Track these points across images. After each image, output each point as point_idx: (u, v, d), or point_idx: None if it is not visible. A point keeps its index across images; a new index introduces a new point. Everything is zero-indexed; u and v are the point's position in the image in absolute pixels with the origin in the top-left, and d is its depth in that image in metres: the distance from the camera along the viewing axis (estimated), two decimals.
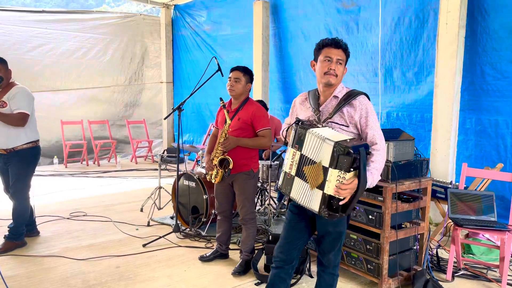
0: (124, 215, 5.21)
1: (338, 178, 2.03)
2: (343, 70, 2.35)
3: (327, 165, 2.04)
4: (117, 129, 9.53)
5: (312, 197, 2.14)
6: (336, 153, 2.01)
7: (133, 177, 7.64)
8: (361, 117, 2.30)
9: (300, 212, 2.41)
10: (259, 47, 7.20)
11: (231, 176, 3.47)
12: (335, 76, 2.32)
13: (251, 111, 3.42)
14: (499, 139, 4.55)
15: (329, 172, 2.04)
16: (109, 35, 9.26)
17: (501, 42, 4.44)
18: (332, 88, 2.37)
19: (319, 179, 2.09)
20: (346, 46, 2.35)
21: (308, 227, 2.44)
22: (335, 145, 2.00)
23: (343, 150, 1.99)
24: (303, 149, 2.16)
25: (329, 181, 2.05)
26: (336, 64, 2.31)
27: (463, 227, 3.25)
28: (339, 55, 2.32)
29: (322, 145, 2.07)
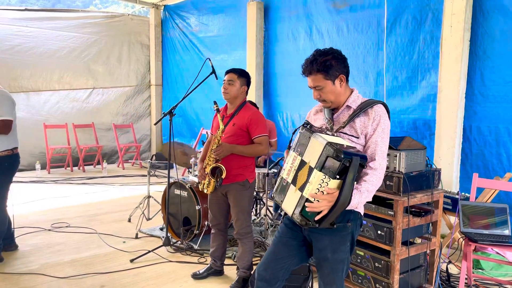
0: (110, 226, 4.89)
1: (320, 183, 1.78)
2: (331, 88, 2.05)
3: (313, 165, 1.81)
4: (104, 133, 9.16)
5: (291, 198, 1.91)
6: (325, 153, 1.76)
7: (120, 183, 7.30)
8: (371, 127, 2.03)
9: (296, 228, 2.15)
10: (252, 49, 6.95)
11: (224, 187, 3.20)
12: (323, 101, 2.09)
13: (247, 116, 3.17)
14: (500, 147, 4.35)
15: (313, 173, 1.81)
16: (94, 35, 8.91)
17: (503, 45, 4.25)
18: (340, 99, 2.11)
19: (303, 179, 1.86)
20: (318, 65, 2.01)
21: (303, 247, 2.16)
22: (326, 145, 1.77)
23: (333, 152, 1.74)
24: (305, 154, 1.91)
25: (310, 183, 1.82)
26: (316, 91, 2.07)
27: (478, 243, 3.02)
28: (312, 82, 2.06)
29: (315, 144, 1.85)
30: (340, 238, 2.04)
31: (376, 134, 2.02)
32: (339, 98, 2.11)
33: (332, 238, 2.04)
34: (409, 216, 2.87)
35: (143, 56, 9.68)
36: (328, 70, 2.03)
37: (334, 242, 2.04)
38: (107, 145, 9.21)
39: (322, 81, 2.04)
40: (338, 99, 2.11)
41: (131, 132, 9.35)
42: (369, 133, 2.03)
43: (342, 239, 2.05)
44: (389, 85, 5.21)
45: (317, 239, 2.07)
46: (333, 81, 2.06)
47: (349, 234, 2.05)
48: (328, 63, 2.02)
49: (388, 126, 2.06)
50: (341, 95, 2.11)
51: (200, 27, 8.45)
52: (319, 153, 1.80)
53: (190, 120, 8.86)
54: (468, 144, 4.59)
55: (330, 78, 2.04)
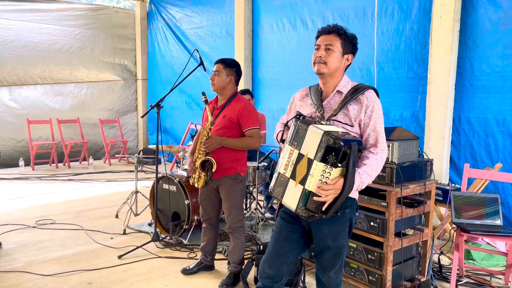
0: (97, 222, 4.78)
1: (322, 173, 1.74)
2: (338, 57, 2.03)
3: (312, 157, 1.77)
4: (89, 128, 8.98)
5: (293, 193, 1.86)
6: (324, 144, 1.72)
7: (107, 179, 7.16)
8: (366, 114, 2.01)
9: (294, 221, 2.11)
10: (240, 42, 6.86)
11: (216, 180, 3.13)
12: (323, 63, 2.03)
13: (238, 108, 3.09)
14: (489, 138, 4.35)
15: (313, 165, 1.76)
16: (78, 28, 8.71)
17: (493, 35, 4.24)
18: (332, 80, 2.08)
19: (303, 173, 1.81)
20: (341, 30, 2.05)
21: (303, 239, 2.13)
22: (324, 135, 1.72)
23: (332, 142, 1.70)
24: (302, 147, 1.85)
25: (311, 175, 1.77)
26: (323, 51, 2.03)
27: (470, 233, 3.01)
28: (327, 40, 2.03)
29: (311, 134, 1.79)
30: (340, 225, 2.03)
31: (373, 121, 2.00)
32: (336, 72, 2.07)
33: (332, 226, 2.01)
34: (402, 207, 2.84)
35: (128, 49, 9.51)
36: (347, 41, 2.05)
37: (333, 230, 2.02)
38: (93, 140, 9.04)
39: (337, 44, 2.04)
40: (335, 73, 2.07)
41: (118, 127, 9.19)
42: (364, 121, 2.00)
43: (341, 226, 2.03)
44: (375, 76, 5.17)
45: (317, 229, 2.04)
46: (343, 54, 2.06)
47: (347, 220, 2.04)
48: (349, 36, 2.06)
49: (381, 112, 2.05)
50: (339, 71, 2.08)
51: (185, 19, 8.33)
52: (317, 144, 1.75)
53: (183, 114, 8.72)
54: (457, 135, 4.59)
55: (344, 48, 2.05)
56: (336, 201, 1.80)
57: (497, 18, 4.16)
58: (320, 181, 1.76)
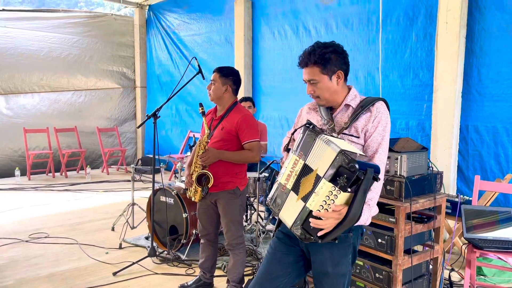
0: (93, 235, 4.62)
1: (328, 194, 1.57)
2: (327, 84, 1.86)
3: (322, 174, 1.60)
4: (87, 137, 8.84)
5: (292, 208, 1.70)
6: (337, 163, 1.55)
7: (104, 190, 7.01)
8: (372, 124, 1.85)
9: (291, 242, 1.94)
10: (240, 49, 6.74)
11: (213, 195, 2.98)
12: (317, 98, 1.90)
13: (237, 119, 2.94)
14: (498, 147, 4.20)
15: (321, 183, 1.59)
16: (76, 36, 8.60)
17: (501, 41, 4.10)
18: (336, 100, 1.93)
19: (307, 189, 1.65)
20: (314, 56, 1.83)
21: (300, 263, 1.95)
22: (340, 153, 1.56)
23: (347, 163, 1.53)
24: (308, 158, 1.69)
25: (316, 194, 1.60)
26: (310, 86, 1.88)
27: (483, 249, 2.85)
28: (307, 74, 1.88)
29: (324, 150, 1.63)
30: (342, 250, 1.85)
31: (377, 132, 1.84)
32: (335, 96, 1.92)
33: (333, 250, 1.84)
34: (412, 223, 2.69)
35: (127, 57, 9.40)
36: (326, 63, 1.84)
37: (334, 255, 1.84)
38: (91, 149, 8.90)
39: (318, 75, 1.85)
40: (333, 97, 1.92)
41: (116, 135, 9.05)
42: (369, 131, 1.85)
43: (343, 251, 1.85)
44: (381, 84, 5.03)
45: (316, 252, 1.87)
46: (330, 77, 1.87)
47: (350, 245, 1.87)
48: (327, 56, 1.84)
49: (389, 124, 1.89)
50: (337, 93, 1.92)
51: (183, 26, 8.24)
52: (330, 161, 1.59)
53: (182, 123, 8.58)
54: (465, 145, 4.44)
55: (327, 73, 1.86)
56: (335, 228, 1.62)
57: (506, 24, 4.03)
58: (324, 202, 1.60)
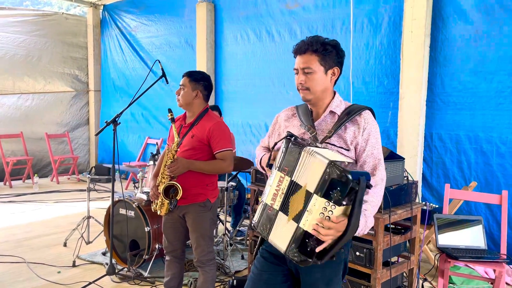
0: (42, 252, 4.22)
1: (322, 211, 1.45)
2: (321, 77, 1.75)
3: (312, 190, 1.48)
4: (34, 144, 8.23)
5: (283, 231, 1.56)
6: (328, 176, 1.43)
7: (55, 200, 6.51)
8: (362, 137, 1.75)
9: (278, 261, 1.80)
10: (203, 53, 6.53)
11: (182, 208, 2.76)
12: (306, 90, 1.76)
13: (208, 127, 2.75)
14: (461, 155, 4.29)
15: (312, 200, 1.47)
16: (23, 35, 8.00)
17: (464, 51, 4.20)
18: (322, 101, 1.81)
19: (298, 207, 1.52)
20: (316, 44, 1.72)
21: (287, 283, 1.82)
22: (329, 165, 1.44)
23: (339, 174, 1.42)
24: (295, 173, 1.55)
25: (309, 212, 1.48)
26: (303, 75, 1.75)
27: (458, 260, 2.83)
28: (303, 62, 1.75)
29: (312, 163, 1.50)
30: (334, 268, 1.74)
31: (370, 146, 1.74)
32: (324, 94, 1.80)
33: (325, 269, 1.71)
34: (390, 234, 2.61)
35: (79, 58, 8.88)
36: (326, 54, 1.73)
37: (326, 274, 1.73)
38: (39, 156, 8.30)
39: (316, 64, 1.73)
40: (322, 95, 1.80)
41: (67, 142, 8.50)
42: (361, 145, 1.74)
43: (335, 269, 1.75)
44: (344, 91, 5.01)
45: (307, 273, 1.74)
46: (326, 71, 1.76)
47: (342, 262, 1.76)
48: (327, 47, 1.73)
49: (379, 135, 1.80)
50: (327, 91, 1.81)
51: (140, 27, 7.90)
52: (319, 174, 1.46)
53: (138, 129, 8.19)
54: (429, 152, 4.50)
55: (325, 64, 1.75)
56: (334, 245, 1.51)
57: (469, 35, 4.12)
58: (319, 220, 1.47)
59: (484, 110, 4.07)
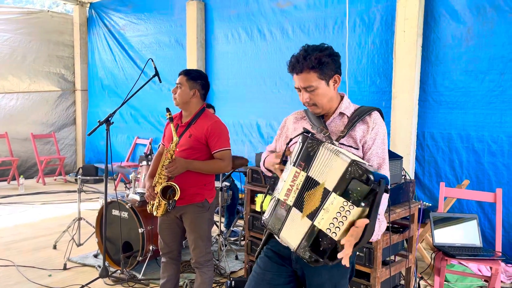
0: (32, 255, 4.12)
1: (340, 210, 1.42)
2: (325, 90, 1.72)
3: (331, 188, 1.44)
4: (19, 144, 8.04)
5: (296, 227, 1.52)
6: (350, 175, 1.40)
7: (42, 202, 6.38)
8: (370, 136, 1.74)
9: (282, 261, 1.78)
10: (193, 52, 6.47)
11: (179, 209, 2.71)
12: (313, 106, 1.75)
13: (206, 126, 2.71)
14: (453, 154, 4.34)
15: (330, 198, 1.43)
16: (7, 33, 7.79)
17: (455, 50, 4.24)
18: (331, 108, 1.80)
19: (314, 204, 1.48)
20: (312, 61, 1.66)
21: (291, 284, 1.79)
22: (352, 164, 1.41)
23: (361, 174, 1.39)
24: (311, 169, 1.52)
25: (325, 210, 1.44)
26: (306, 93, 1.72)
27: (455, 258, 2.85)
28: (302, 81, 1.71)
29: (333, 160, 1.46)
30: (341, 270, 1.71)
31: (376, 145, 1.74)
32: (331, 102, 1.79)
33: (332, 271, 1.70)
34: (390, 233, 2.62)
35: (66, 57, 8.72)
36: (323, 68, 1.69)
37: (334, 276, 1.71)
38: (24, 157, 8.11)
39: (316, 80, 1.70)
40: (329, 104, 1.78)
41: (53, 142, 8.34)
42: (368, 143, 1.73)
43: (343, 271, 1.73)
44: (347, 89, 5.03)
45: (313, 275, 1.72)
46: (327, 82, 1.73)
47: (350, 263, 1.72)
48: (323, 60, 1.68)
49: (385, 136, 1.79)
50: (333, 99, 1.79)
51: (129, 26, 7.79)
52: (340, 173, 1.43)
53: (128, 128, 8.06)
54: (421, 151, 4.53)
55: (325, 77, 1.71)
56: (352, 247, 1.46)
57: (460, 34, 4.16)
58: (335, 219, 1.44)
59: (475, 109, 4.12)
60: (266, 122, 5.84)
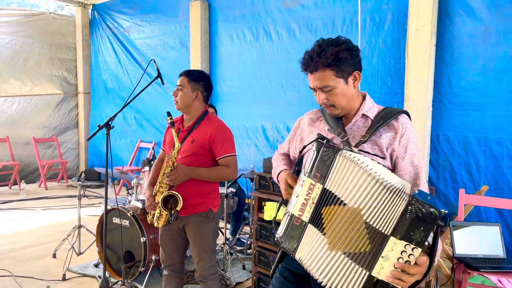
0: (30, 264, 3.96)
1: (401, 256, 1.21)
2: (343, 89, 1.54)
3: (370, 219, 1.26)
4: (21, 148, 7.92)
5: (344, 273, 1.30)
6: (410, 215, 1.18)
7: (43, 207, 6.23)
8: (400, 144, 1.55)
9: (299, 280, 1.62)
10: (197, 53, 6.31)
11: (182, 219, 2.54)
12: (331, 107, 1.58)
13: (210, 130, 2.54)
14: (470, 157, 4.13)
15: (389, 243, 1.22)
16: (8, 35, 7.68)
17: (472, 49, 4.04)
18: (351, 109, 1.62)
19: (363, 246, 1.27)
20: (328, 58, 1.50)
21: None
22: (411, 202, 1.19)
23: (424, 213, 1.17)
24: (328, 181, 1.35)
25: (385, 258, 1.23)
26: (322, 94, 1.55)
27: (479, 271, 2.65)
28: (318, 81, 1.54)
29: (380, 194, 1.25)
30: None
31: (410, 154, 1.55)
32: (352, 102, 1.60)
33: None
34: None
35: (68, 60, 8.59)
36: (340, 64, 1.51)
37: None
38: (26, 161, 7.98)
39: (333, 79, 1.52)
40: (350, 104, 1.60)
41: (55, 146, 8.21)
42: (398, 152, 1.54)
43: None
44: None
45: None
46: (346, 80, 1.55)
47: None
48: (340, 56, 1.51)
49: (417, 141, 1.60)
50: (354, 98, 1.61)
51: (134, 28, 7.64)
52: (399, 212, 1.22)
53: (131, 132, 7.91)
54: (435, 155, 4.33)
55: (343, 75, 1.53)
56: None
57: (477, 32, 3.96)
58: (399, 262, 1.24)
59: (494, 111, 3.91)
60: (272, 125, 5.66)
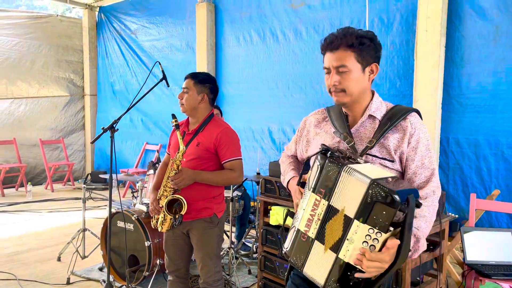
0: (35, 268, 3.94)
1: (366, 240, 1.21)
2: (358, 76, 1.47)
3: (352, 215, 1.23)
4: (28, 150, 7.93)
5: (321, 262, 1.31)
6: (371, 198, 1.19)
7: (49, 210, 6.22)
8: (409, 145, 1.49)
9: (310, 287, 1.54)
10: (203, 55, 6.28)
11: (186, 224, 2.49)
12: (341, 92, 1.50)
13: (216, 133, 2.49)
14: (480, 161, 4.04)
15: (353, 227, 1.23)
16: (16, 38, 7.72)
17: (482, 50, 3.96)
18: (359, 104, 1.56)
19: (336, 235, 1.27)
20: (351, 38, 1.45)
21: None
22: (372, 186, 1.19)
23: (384, 195, 1.17)
24: (333, 197, 1.30)
25: (349, 241, 1.24)
26: (336, 75, 1.48)
27: (491, 278, 2.58)
28: (336, 59, 1.47)
29: (349, 182, 1.25)
30: None
31: (420, 155, 1.49)
32: (362, 95, 1.54)
33: None
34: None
35: (75, 62, 8.61)
36: (363, 49, 1.46)
37: None
38: (32, 163, 8.00)
39: (352, 61, 1.46)
40: (360, 96, 1.54)
41: (62, 148, 8.22)
42: (408, 154, 1.49)
43: None
44: None
45: None
46: (364, 68, 1.49)
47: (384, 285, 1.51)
48: (364, 41, 1.46)
49: (429, 142, 1.53)
50: (366, 92, 1.55)
51: (141, 30, 7.64)
52: (360, 197, 1.21)
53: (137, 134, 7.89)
54: (445, 158, 4.25)
55: (362, 61, 1.48)
56: (381, 277, 1.26)
57: (488, 32, 3.89)
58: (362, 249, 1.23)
59: (505, 113, 3.83)
60: (279, 127, 5.60)
